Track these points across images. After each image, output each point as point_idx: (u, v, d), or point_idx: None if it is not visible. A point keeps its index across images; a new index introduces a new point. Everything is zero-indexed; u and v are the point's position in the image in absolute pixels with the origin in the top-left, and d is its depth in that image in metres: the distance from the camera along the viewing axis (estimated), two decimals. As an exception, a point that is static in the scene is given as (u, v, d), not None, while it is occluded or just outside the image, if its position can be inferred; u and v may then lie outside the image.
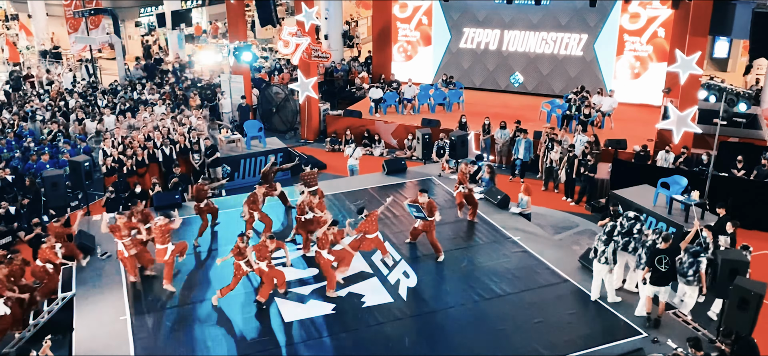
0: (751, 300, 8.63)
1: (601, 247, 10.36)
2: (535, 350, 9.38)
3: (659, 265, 9.72)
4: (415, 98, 22.70)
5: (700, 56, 16.71)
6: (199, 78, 25.93)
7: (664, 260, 9.70)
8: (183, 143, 16.92)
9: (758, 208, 14.70)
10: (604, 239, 10.37)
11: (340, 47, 28.90)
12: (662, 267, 9.71)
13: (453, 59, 25.79)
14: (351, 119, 21.62)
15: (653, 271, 9.77)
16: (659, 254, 9.76)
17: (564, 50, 23.93)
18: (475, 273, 11.62)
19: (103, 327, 9.88)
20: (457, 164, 16.94)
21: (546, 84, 24.43)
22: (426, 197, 12.05)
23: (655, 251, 9.84)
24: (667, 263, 9.73)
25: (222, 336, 9.80)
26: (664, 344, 9.36)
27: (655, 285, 9.81)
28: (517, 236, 13.03)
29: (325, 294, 10.84)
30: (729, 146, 17.16)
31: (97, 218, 13.68)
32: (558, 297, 10.81)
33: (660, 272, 9.73)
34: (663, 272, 9.74)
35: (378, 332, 9.88)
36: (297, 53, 20.26)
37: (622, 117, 21.11)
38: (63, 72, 27.40)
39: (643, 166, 16.59)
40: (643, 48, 22.74)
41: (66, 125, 19.87)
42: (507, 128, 18.85)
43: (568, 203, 16.74)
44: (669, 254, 9.77)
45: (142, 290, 11.02)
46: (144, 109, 20.43)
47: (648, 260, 9.87)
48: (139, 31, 35.45)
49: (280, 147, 18.88)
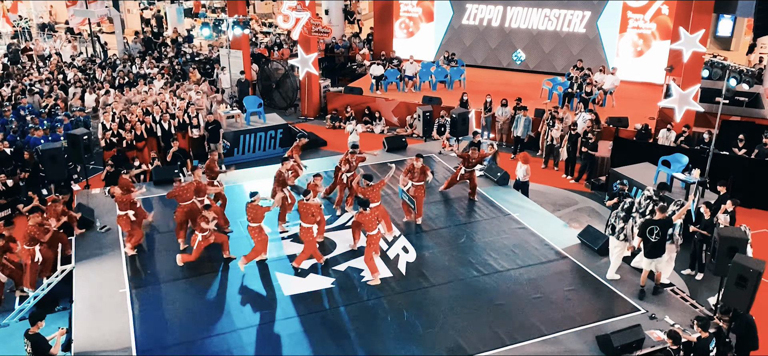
0: (750, 277, 8.63)
1: (620, 224, 10.43)
2: (533, 325, 9.40)
3: (650, 236, 9.80)
4: (417, 76, 22.57)
5: (703, 34, 16.58)
6: (198, 52, 25.78)
7: (655, 230, 9.76)
8: (181, 117, 16.85)
9: (759, 187, 14.68)
10: (623, 216, 10.44)
11: (341, 23, 28.72)
12: (652, 238, 9.78)
13: (455, 36, 25.61)
14: (352, 95, 21.52)
15: (645, 242, 9.86)
16: (651, 224, 9.81)
17: (567, 27, 23.75)
18: (474, 249, 11.62)
19: (102, 300, 9.90)
20: (457, 141, 16.90)
21: (548, 62, 24.28)
22: (421, 162, 12.29)
23: (647, 221, 9.91)
24: (658, 233, 9.78)
25: (221, 309, 9.82)
26: (661, 320, 9.38)
27: (648, 257, 9.91)
28: (517, 212, 13.01)
29: (324, 268, 10.89)
30: (731, 124, 17.09)
31: (97, 192, 13.69)
32: (557, 274, 10.83)
33: (650, 242, 9.80)
34: (653, 242, 9.81)
35: (377, 306, 9.90)
36: (297, 28, 20.13)
37: (624, 95, 21.01)
38: (62, 45, 27.25)
39: (644, 144, 16.54)
40: (647, 25, 22.56)
41: (65, 99, 19.78)
42: (508, 106, 18.76)
43: (568, 180, 16.71)
44: (661, 225, 9.82)
45: (140, 263, 11.03)
46: (143, 83, 20.33)
47: (640, 231, 9.92)
48: (138, 4, 35.17)
49: (280, 123, 18.83)
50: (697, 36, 16.43)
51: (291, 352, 8.85)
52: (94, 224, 12.07)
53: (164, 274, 10.71)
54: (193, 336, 9.16)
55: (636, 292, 10.09)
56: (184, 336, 9.16)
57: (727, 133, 16.31)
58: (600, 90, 20.35)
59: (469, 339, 9.10)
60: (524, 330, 9.29)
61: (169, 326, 9.39)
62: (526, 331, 9.28)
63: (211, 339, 9.12)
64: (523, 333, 9.24)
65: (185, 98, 18.47)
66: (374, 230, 10.44)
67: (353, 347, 8.95)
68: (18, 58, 25.26)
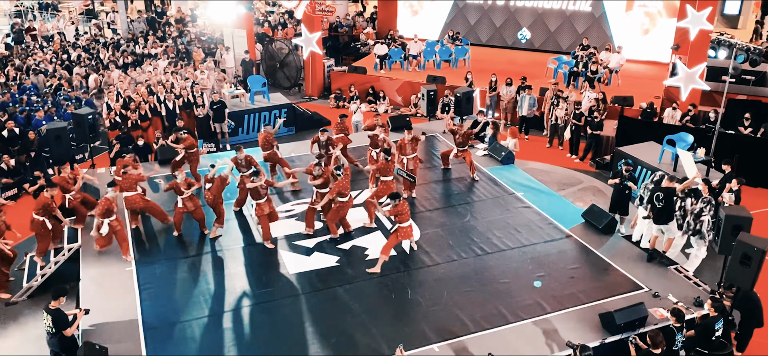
0: (754, 255, 8.65)
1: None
2: (537, 303, 9.45)
3: (657, 202, 10.52)
4: (421, 55, 22.47)
5: (711, 12, 16.43)
6: (203, 32, 25.69)
7: (659, 196, 10.54)
8: (187, 96, 16.84)
9: (764, 166, 14.62)
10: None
11: (345, 2, 28.51)
12: (658, 203, 10.59)
13: (459, 15, 25.44)
14: (355, 75, 21.45)
15: (652, 207, 10.59)
16: (658, 190, 10.65)
17: (572, 5, 23.57)
18: (477, 228, 11.65)
19: (109, 278, 9.98)
20: (461, 120, 16.86)
21: (553, 40, 24.13)
22: (411, 134, 12.63)
23: (654, 188, 10.68)
24: (661, 200, 10.55)
25: (226, 286, 9.90)
26: (664, 298, 9.41)
27: (656, 223, 10.73)
28: (520, 191, 13.02)
29: (329, 246, 10.94)
30: (737, 103, 16.99)
31: (102, 171, 13.74)
32: (560, 252, 10.86)
33: (656, 208, 10.61)
34: (659, 208, 10.60)
35: (381, 284, 9.96)
36: (300, 7, 20.04)
37: (629, 74, 20.89)
38: (65, 25, 27.18)
39: (649, 123, 16.47)
40: (653, 3, 22.35)
41: (69, 79, 19.79)
42: (513, 85, 18.69)
43: (572, 159, 16.68)
44: (665, 193, 10.48)
45: (147, 241, 11.10)
46: (148, 62, 20.30)
47: (649, 198, 10.63)
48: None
49: (285, 103, 18.80)
50: (704, 13, 16.29)
51: (296, 330, 8.93)
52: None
53: (170, 252, 10.79)
54: (199, 312, 9.25)
55: (642, 276, 10.08)
56: (190, 312, 9.24)
57: (733, 111, 16.22)
58: (605, 69, 20.23)
59: (473, 317, 9.15)
60: (528, 308, 9.34)
61: (176, 303, 9.47)
62: (530, 309, 9.32)
63: (216, 315, 9.20)
64: (526, 311, 9.29)
65: (189, 78, 18.45)
66: (406, 222, 10.20)
67: (358, 324, 9.01)
68: (22, 38, 25.24)
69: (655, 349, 7.82)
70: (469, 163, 13.54)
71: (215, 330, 8.92)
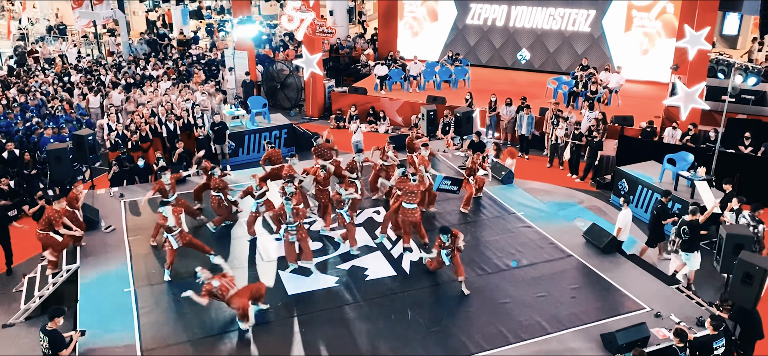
0: (756, 274, 8.58)
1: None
2: (537, 324, 9.37)
3: (682, 235, 11.00)
4: (421, 75, 22.56)
5: (709, 32, 16.50)
6: (204, 53, 25.85)
7: (685, 230, 10.92)
8: (186, 118, 16.88)
9: (765, 185, 14.56)
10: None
11: (346, 23, 28.71)
12: (683, 236, 10.97)
13: (459, 36, 25.59)
14: (356, 95, 21.52)
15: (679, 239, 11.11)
16: (683, 225, 10.98)
17: (571, 26, 23.69)
18: (478, 248, 11.59)
19: (107, 300, 9.92)
20: (461, 140, 16.88)
21: (553, 61, 24.24)
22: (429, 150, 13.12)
23: (681, 222, 10.96)
24: (686, 232, 10.92)
25: (225, 308, 9.82)
26: (666, 318, 9.33)
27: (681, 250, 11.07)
28: (521, 211, 12.98)
29: (330, 267, 10.90)
30: (737, 122, 17.00)
31: (101, 192, 13.73)
32: (561, 272, 10.79)
33: (681, 239, 11.02)
34: (683, 240, 10.97)
35: (381, 305, 9.89)
36: (301, 29, 20.14)
37: (629, 94, 20.94)
38: (67, 48, 27.37)
39: (649, 142, 16.46)
40: (652, 24, 22.47)
41: (70, 101, 19.88)
42: (513, 105, 18.73)
43: (573, 179, 16.66)
44: (690, 226, 10.88)
45: (145, 262, 11.05)
46: (149, 84, 20.40)
47: (676, 231, 11.16)
48: (144, 6, 35.31)
49: (285, 123, 18.84)
50: (702, 34, 16.37)
51: (295, 352, 8.84)
52: (98, 224, 12.10)
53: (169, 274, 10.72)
54: (197, 334, 9.17)
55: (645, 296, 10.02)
56: (189, 335, 9.17)
57: (733, 131, 16.22)
58: (605, 89, 20.29)
59: (473, 337, 9.07)
60: (529, 329, 9.26)
61: (174, 325, 9.40)
62: (531, 330, 9.25)
63: (215, 338, 9.13)
64: (527, 331, 9.21)
65: (190, 99, 18.52)
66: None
67: (357, 346, 8.93)
68: (24, 60, 25.41)
69: None
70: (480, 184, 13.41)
71: (213, 352, 8.83)
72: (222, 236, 11.97)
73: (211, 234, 12.03)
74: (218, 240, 11.77)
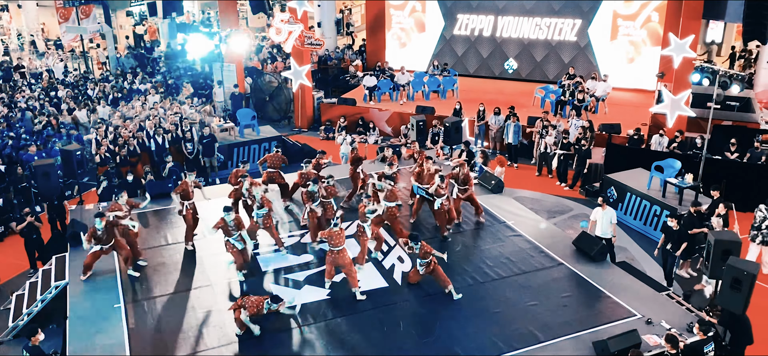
0: (744, 279, 8.67)
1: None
2: (530, 332, 9.39)
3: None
4: (409, 85, 22.64)
5: (693, 40, 16.72)
6: (191, 66, 25.80)
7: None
8: (175, 131, 16.83)
9: (751, 190, 14.73)
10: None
11: (334, 35, 28.77)
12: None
13: (447, 46, 25.72)
14: (345, 106, 21.56)
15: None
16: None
17: (558, 36, 23.89)
18: (469, 257, 11.62)
19: (97, 316, 9.84)
20: (451, 150, 16.93)
21: (540, 70, 24.41)
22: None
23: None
24: None
25: (215, 323, 9.78)
26: (657, 324, 9.39)
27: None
28: (511, 220, 13.03)
29: (320, 279, 10.86)
30: (722, 129, 17.20)
31: (90, 208, 13.63)
32: (553, 280, 10.83)
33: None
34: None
35: (373, 317, 9.88)
36: (290, 41, 20.16)
37: (616, 102, 21.12)
38: (54, 62, 27.21)
39: (637, 150, 16.61)
40: (637, 32, 22.71)
41: (57, 116, 19.76)
42: (501, 114, 18.84)
43: (562, 187, 16.76)
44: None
45: (135, 278, 10.96)
46: (137, 98, 20.33)
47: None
48: (130, 20, 35.16)
49: (274, 135, 18.83)
50: (686, 42, 16.57)
51: (287, 364, 8.81)
52: (88, 239, 11.98)
53: (158, 289, 10.65)
54: (187, 350, 9.10)
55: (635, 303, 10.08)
56: (179, 350, 9.10)
57: (719, 137, 16.41)
58: (592, 97, 20.46)
59: (465, 347, 9.08)
60: (521, 338, 9.28)
61: (164, 341, 9.33)
62: (523, 338, 9.27)
63: (205, 351, 9.07)
64: (519, 340, 9.23)
65: (178, 112, 18.47)
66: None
67: (350, 358, 8.92)
68: (10, 75, 25.22)
69: None
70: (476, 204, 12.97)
71: (205, 367, 8.79)
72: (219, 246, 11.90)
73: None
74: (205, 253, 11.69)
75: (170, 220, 13.03)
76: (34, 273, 12.26)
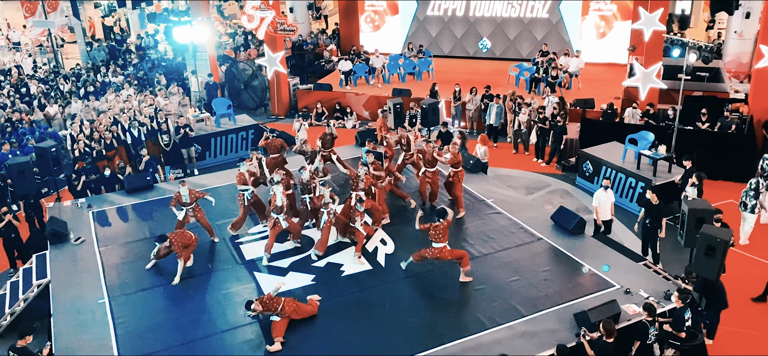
0: (717, 246, 8.94)
1: (752, 202, 12.27)
2: (512, 307, 9.58)
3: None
4: (385, 68, 22.65)
5: (662, 13, 16.97)
6: (163, 57, 25.48)
7: None
8: (150, 124, 16.67)
9: (722, 158, 15.10)
10: (753, 195, 12.27)
11: (307, 20, 28.60)
12: None
13: (421, 28, 25.75)
14: (321, 92, 21.51)
15: None
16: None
17: (530, 13, 24.06)
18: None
19: (81, 312, 9.80)
20: (429, 131, 17.04)
21: (513, 48, 24.58)
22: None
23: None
24: None
25: (201, 313, 9.80)
26: (636, 294, 9.64)
27: None
28: (491, 198, 13.20)
29: (304, 265, 10.93)
30: (693, 99, 17.54)
31: (68, 204, 13.50)
32: (533, 255, 11.03)
33: None
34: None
35: (358, 299, 9.99)
36: (262, 27, 20.03)
37: (589, 77, 21.38)
38: (22, 58, 26.67)
39: (611, 123, 16.88)
40: (608, 7, 22.97)
41: (29, 112, 19.42)
42: (477, 94, 18.97)
43: (539, 164, 16.98)
44: None
45: (118, 273, 10.92)
46: (111, 92, 20.06)
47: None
48: (99, 12, 34.54)
49: (251, 124, 18.74)
50: (656, 15, 16.82)
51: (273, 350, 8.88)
52: (67, 236, 11.90)
53: (142, 282, 10.63)
54: (174, 341, 9.13)
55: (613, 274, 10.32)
56: (166, 342, 9.12)
57: (690, 108, 16.75)
58: (565, 73, 20.68)
59: (451, 324, 9.24)
60: (503, 313, 9.46)
61: (151, 334, 9.33)
62: (506, 314, 9.45)
63: (192, 343, 9.10)
64: (502, 315, 9.41)
65: (153, 104, 18.27)
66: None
67: (335, 341, 9.02)
68: (-23, 73, 24.67)
69: (608, 338, 8.04)
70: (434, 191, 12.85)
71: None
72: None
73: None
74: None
75: (151, 214, 12.97)
76: (14, 272, 12.14)
